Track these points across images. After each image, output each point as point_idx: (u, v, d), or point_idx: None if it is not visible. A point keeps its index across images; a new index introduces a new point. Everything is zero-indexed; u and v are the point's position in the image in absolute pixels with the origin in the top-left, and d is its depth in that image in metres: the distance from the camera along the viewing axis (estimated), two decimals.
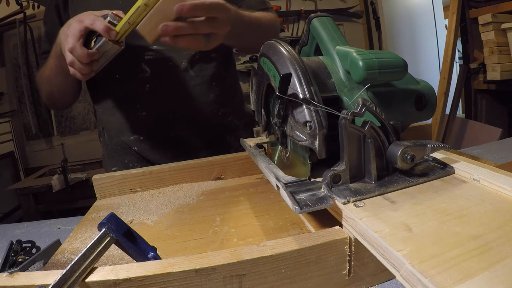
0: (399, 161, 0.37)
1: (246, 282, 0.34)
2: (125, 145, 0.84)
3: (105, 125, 0.87)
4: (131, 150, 0.84)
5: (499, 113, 2.50)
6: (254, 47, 0.84)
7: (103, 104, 0.85)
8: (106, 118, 0.85)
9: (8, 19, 2.90)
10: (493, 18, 2.08)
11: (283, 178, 0.42)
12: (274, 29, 0.89)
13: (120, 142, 0.84)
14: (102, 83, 0.82)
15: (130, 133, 0.83)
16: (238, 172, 0.74)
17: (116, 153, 0.86)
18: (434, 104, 0.52)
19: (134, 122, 0.82)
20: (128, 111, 0.82)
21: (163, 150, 0.83)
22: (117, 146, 0.86)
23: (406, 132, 0.53)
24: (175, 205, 0.62)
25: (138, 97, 0.81)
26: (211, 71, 0.84)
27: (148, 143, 0.83)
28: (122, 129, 0.83)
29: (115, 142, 0.85)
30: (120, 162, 0.86)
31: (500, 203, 0.33)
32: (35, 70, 2.98)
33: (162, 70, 0.80)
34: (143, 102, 0.81)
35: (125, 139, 0.83)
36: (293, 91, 0.40)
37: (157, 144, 0.83)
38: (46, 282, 0.32)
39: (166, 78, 0.80)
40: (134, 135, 0.83)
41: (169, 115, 0.82)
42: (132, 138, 0.83)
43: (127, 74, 0.78)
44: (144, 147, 0.83)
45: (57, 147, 3.14)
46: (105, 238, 0.36)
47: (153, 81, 0.80)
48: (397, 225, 0.30)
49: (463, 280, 0.23)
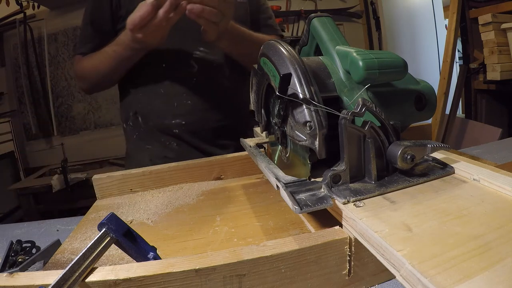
0: (399, 161, 0.37)
1: (246, 282, 0.34)
2: (165, 127, 0.90)
3: (142, 108, 0.91)
4: (171, 132, 0.90)
5: (499, 113, 2.50)
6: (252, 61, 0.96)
7: (146, 88, 0.90)
8: (147, 101, 0.90)
9: (8, 19, 2.89)
10: (493, 18, 2.08)
11: (283, 178, 0.42)
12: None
13: (160, 124, 0.90)
14: (149, 68, 0.87)
15: (173, 117, 0.89)
16: (238, 172, 0.74)
17: (152, 134, 0.91)
18: (434, 104, 0.52)
19: (179, 108, 0.89)
20: (174, 97, 0.88)
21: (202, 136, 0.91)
22: (154, 128, 0.91)
23: (406, 132, 0.53)
24: (175, 205, 0.62)
25: (186, 87, 0.89)
26: (240, 77, 0.97)
27: (189, 128, 0.90)
28: (165, 112, 0.89)
29: (152, 125, 0.90)
30: (156, 141, 0.91)
31: (500, 203, 0.33)
32: (35, 70, 2.98)
33: (207, 69, 0.90)
34: (190, 92, 0.89)
35: (167, 122, 0.89)
36: (293, 91, 0.40)
37: (197, 130, 0.91)
38: (46, 282, 0.32)
39: (210, 75, 0.91)
40: (176, 119, 0.89)
41: (210, 107, 0.91)
42: (174, 122, 0.89)
43: (176, 65, 0.87)
44: (185, 130, 0.90)
45: (57, 147, 3.14)
46: (105, 238, 0.36)
47: (200, 76, 0.89)
48: (397, 225, 0.30)
49: (463, 280, 0.23)
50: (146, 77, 0.89)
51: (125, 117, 0.96)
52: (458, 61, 3.16)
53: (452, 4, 2.22)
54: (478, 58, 2.41)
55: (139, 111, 0.92)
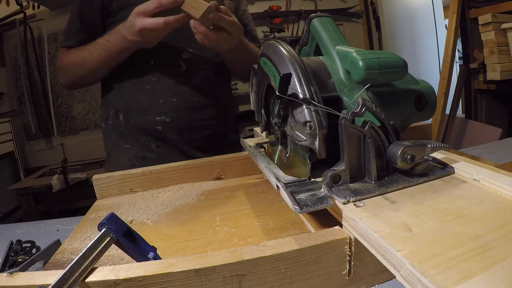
0: (399, 161, 0.37)
1: (246, 282, 0.34)
2: (148, 125, 0.89)
3: (125, 105, 0.90)
4: (154, 130, 0.89)
5: (499, 113, 2.50)
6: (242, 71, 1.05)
7: (132, 84, 0.89)
8: (132, 97, 0.89)
9: (8, 19, 2.89)
10: (493, 18, 2.08)
11: (283, 178, 0.42)
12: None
13: (142, 122, 0.89)
14: (138, 64, 0.87)
15: (157, 114, 0.88)
16: (238, 172, 0.74)
17: (132, 133, 0.90)
18: (434, 104, 0.52)
19: (164, 105, 0.88)
20: (160, 94, 0.88)
21: (184, 135, 0.91)
22: (135, 126, 0.90)
23: (406, 132, 0.53)
24: (175, 205, 0.62)
25: (172, 85, 0.89)
26: (222, 85, 1.00)
27: (172, 126, 0.89)
28: (148, 109, 0.88)
29: (134, 123, 0.89)
30: (135, 141, 0.90)
31: (500, 203, 0.33)
32: (35, 70, 2.98)
33: (194, 70, 0.91)
34: (176, 90, 0.89)
35: (150, 118, 0.88)
36: (293, 91, 0.40)
37: (180, 129, 0.90)
38: (46, 282, 0.32)
39: (196, 77, 0.91)
40: (161, 116, 0.88)
41: (195, 107, 0.91)
42: (158, 119, 0.88)
43: (165, 63, 0.87)
44: (168, 128, 0.89)
45: (57, 147, 3.14)
46: (105, 238, 0.36)
47: (186, 76, 0.90)
48: (397, 225, 0.30)
49: (463, 280, 0.23)
50: (133, 73, 0.88)
51: (105, 115, 0.94)
52: (458, 61, 3.16)
53: (452, 4, 2.22)
54: (478, 58, 2.41)
55: (121, 109, 0.90)
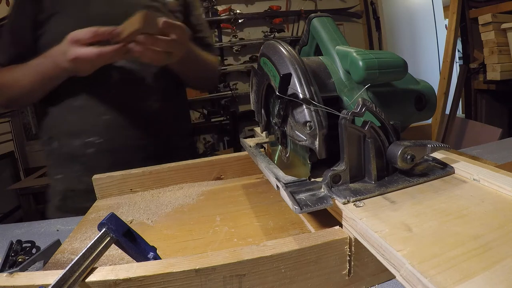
0: (399, 161, 0.37)
1: (246, 282, 0.34)
2: (80, 149, 0.82)
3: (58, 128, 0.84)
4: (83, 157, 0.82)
5: (499, 113, 2.50)
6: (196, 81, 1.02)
7: (62, 103, 0.83)
8: (62, 118, 0.83)
9: None
10: (493, 18, 2.08)
11: (283, 178, 0.42)
12: (214, 70, 1.04)
13: (74, 147, 0.82)
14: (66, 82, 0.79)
15: (87, 135, 0.82)
16: (238, 172, 0.74)
17: (66, 161, 0.84)
18: (434, 104, 0.52)
19: (95, 123, 0.82)
20: (90, 112, 0.82)
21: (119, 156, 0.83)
22: (68, 153, 0.83)
23: (406, 132, 0.53)
24: (175, 205, 0.62)
25: (103, 100, 0.82)
26: (166, 91, 0.90)
27: (105, 146, 0.83)
28: (81, 129, 0.82)
29: (67, 150, 0.83)
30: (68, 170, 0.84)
31: (500, 203, 0.33)
32: None
33: (128, 80, 0.83)
34: (107, 107, 0.82)
35: (82, 141, 0.82)
36: (293, 91, 0.40)
37: (114, 149, 0.83)
38: (46, 282, 0.32)
39: (130, 88, 0.84)
40: (91, 137, 0.82)
41: (127, 123, 0.84)
42: (89, 140, 0.82)
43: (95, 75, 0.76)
44: (100, 149, 0.82)
45: None
46: (105, 238, 0.36)
47: (119, 88, 0.82)
48: (397, 225, 0.30)
49: (463, 280, 0.23)
50: (63, 90, 0.81)
51: (42, 142, 0.89)
52: (458, 61, 3.16)
53: (452, 4, 2.22)
54: (478, 58, 2.41)
55: (54, 135, 0.85)
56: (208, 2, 3.35)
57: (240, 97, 3.57)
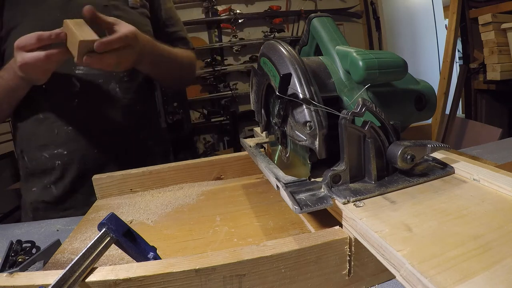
0: (399, 161, 0.37)
1: (246, 282, 0.34)
2: (48, 161, 0.82)
3: (27, 142, 0.84)
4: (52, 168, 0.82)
5: (499, 113, 2.50)
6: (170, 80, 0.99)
7: (27, 118, 0.82)
8: (30, 131, 0.82)
9: None
10: (493, 18, 2.08)
11: (283, 178, 0.42)
12: (191, 65, 1.02)
13: (42, 159, 0.82)
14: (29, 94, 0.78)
15: (54, 147, 0.81)
16: (238, 172, 0.74)
17: (34, 175, 0.84)
18: (434, 104, 0.52)
19: (60, 135, 0.81)
20: (54, 123, 0.81)
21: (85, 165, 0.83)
22: (37, 166, 0.83)
23: (406, 132, 0.53)
24: (175, 205, 0.62)
25: (66, 110, 0.81)
26: (135, 95, 0.88)
27: (72, 158, 0.82)
28: (45, 142, 0.82)
29: (36, 163, 0.83)
30: (40, 183, 0.84)
31: (500, 203, 0.33)
32: None
33: (92, 87, 0.82)
34: (70, 117, 0.81)
35: (48, 154, 0.81)
36: (293, 91, 0.40)
37: (79, 159, 0.82)
38: (46, 282, 0.32)
39: (94, 95, 0.82)
40: (58, 149, 0.81)
41: (94, 132, 0.83)
42: (55, 152, 0.81)
43: (56, 85, 0.76)
44: (68, 161, 0.82)
45: None
46: (105, 238, 0.36)
47: (82, 96, 0.81)
48: (397, 225, 0.30)
49: (463, 280, 0.23)
50: (27, 103, 0.80)
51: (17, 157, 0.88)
52: (458, 61, 3.16)
53: (452, 4, 2.22)
54: (478, 58, 2.41)
55: (24, 149, 0.84)
56: (208, 2, 3.35)
57: (240, 97, 3.57)
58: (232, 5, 3.43)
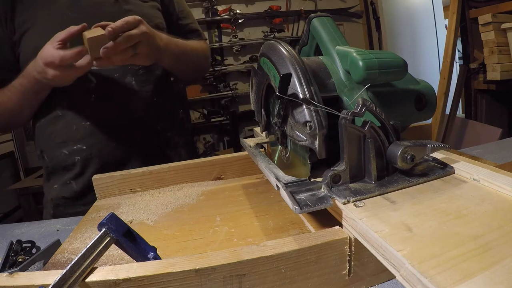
0: (399, 161, 0.37)
1: (246, 282, 0.34)
2: (67, 158, 0.83)
3: (46, 141, 0.85)
4: (73, 164, 0.83)
5: (499, 113, 2.50)
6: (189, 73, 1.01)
7: (46, 116, 0.83)
8: (49, 130, 0.83)
9: None
10: (493, 18, 2.08)
11: (283, 178, 0.42)
12: (206, 57, 1.04)
13: (62, 156, 0.83)
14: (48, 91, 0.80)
15: (73, 143, 0.82)
16: (238, 172, 0.74)
17: (55, 173, 0.85)
18: (434, 104, 0.52)
19: (78, 131, 0.82)
20: (73, 120, 0.82)
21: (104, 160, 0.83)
22: (57, 164, 0.84)
23: (406, 132, 0.53)
24: (175, 205, 0.62)
25: (84, 106, 0.82)
26: (152, 87, 0.88)
27: (91, 153, 0.82)
28: (65, 139, 0.82)
29: (56, 161, 0.84)
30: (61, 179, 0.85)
31: (500, 203, 0.33)
32: None
33: (108, 82, 0.82)
34: (88, 112, 0.82)
35: (67, 150, 0.82)
36: (293, 91, 0.40)
37: (98, 154, 0.83)
38: (46, 282, 0.32)
39: (111, 90, 0.83)
40: (77, 145, 0.82)
41: (112, 126, 0.84)
42: (75, 148, 0.82)
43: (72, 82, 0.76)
44: (87, 157, 0.82)
45: None
46: (105, 238, 0.36)
47: (99, 92, 0.82)
48: (397, 225, 0.30)
49: (463, 280, 0.23)
50: (45, 102, 0.81)
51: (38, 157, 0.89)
52: (458, 61, 3.16)
53: (452, 4, 2.22)
54: (478, 58, 2.41)
55: (44, 148, 0.85)
56: (208, 2, 3.35)
57: (240, 97, 3.57)
58: (232, 5, 3.43)
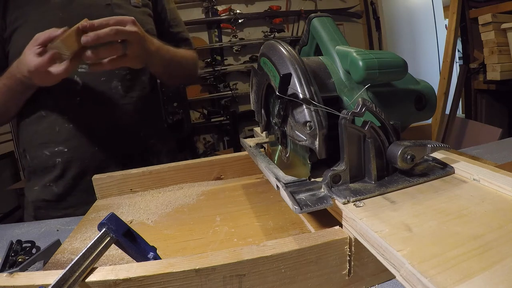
0: (399, 161, 0.37)
1: (246, 282, 0.34)
2: (48, 159, 0.82)
3: (29, 140, 0.84)
4: (53, 166, 0.82)
5: (499, 113, 2.50)
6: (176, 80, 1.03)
7: (30, 115, 0.83)
8: (32, 129, 0.83)
9: None
10: (493, 18, 2.08)
11: (283, 178, 0.42)
12: (195, 65, 1.04)
13: (43, 157, 0.82)
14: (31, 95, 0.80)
15: (55, 145, 0.82)
16: (238, 172, 0.74)
17: (35, 173, 0.85)
18: (434, 104, 0.52)
19: (60, 132, 0.81)
20: (56, 121, 0.81)
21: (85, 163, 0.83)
22: (38, 164, 0.83)
23: (406, 132, 0.53)
24: (175, 205, 0.62)
25: (68, 108, 0.81)
26: (137, 93, 0.88)
27: (71, 155, 0.82)
28: (47, 140, 0.82)
29: (37, 161, 0.83)
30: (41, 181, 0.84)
31: (500, 203, 0.33)
32: None
33: (94, 85, 0.82)
34: (72, 115, 0.81)
35: (49, 151, 0.82)
36: (293, 91, 0.40)
37: (80, 157, 0.82)
38: (46, 282, 0.32)
39: (96, 93, 0.82)
40: (59, 147, 0.81)
41: (95, 130, 0.83)
42: (56, 149, 0.82)
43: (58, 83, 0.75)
44: (68, 159, 0.82)
45: None
46: (105, 238, 0.36)
47: (83, 95, 0.81)
48: (397, 225, 0.30)
49: (463, 280, 0.23)
50: (30, 101, 0.81)
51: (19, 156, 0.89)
52: (458, 61, 3.16)
53: (452, 4, 2.22)
54: (478, 58, 2.41)
55: (27, 147, 0.85)
56: (208, 2, 3.35)
57: (240, 97, 3.57)
58: (232, 5, 3.43)
